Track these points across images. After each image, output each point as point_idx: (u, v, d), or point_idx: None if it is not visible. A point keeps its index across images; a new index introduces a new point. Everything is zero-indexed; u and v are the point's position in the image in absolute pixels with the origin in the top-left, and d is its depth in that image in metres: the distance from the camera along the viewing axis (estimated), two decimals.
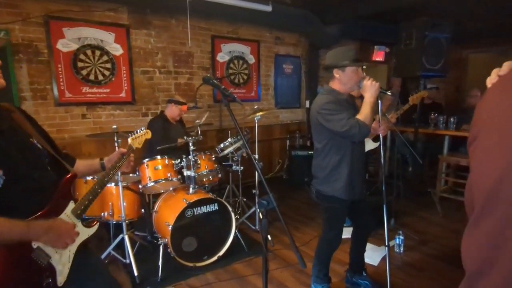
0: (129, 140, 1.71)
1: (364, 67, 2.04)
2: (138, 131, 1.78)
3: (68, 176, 1.29)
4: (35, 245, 1.14)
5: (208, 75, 1.50)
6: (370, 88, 1.90)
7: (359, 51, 6.12)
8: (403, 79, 5.89)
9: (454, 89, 7.23)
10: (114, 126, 2.57)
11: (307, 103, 5.73)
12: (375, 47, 6.57)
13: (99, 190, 1.41)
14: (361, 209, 2.18)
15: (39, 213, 1.17)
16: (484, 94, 0.69)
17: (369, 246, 2.93)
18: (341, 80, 1.98)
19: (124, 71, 3.89)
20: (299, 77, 5.72)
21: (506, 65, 0.71)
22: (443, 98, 6.81)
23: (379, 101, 1.98)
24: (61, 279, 1.21)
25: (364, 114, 1.88)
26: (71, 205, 1.29)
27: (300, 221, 3.71)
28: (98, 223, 1.43)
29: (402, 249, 2.88)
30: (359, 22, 5.48)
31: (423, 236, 3.22)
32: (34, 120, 1.37)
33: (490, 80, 0.71)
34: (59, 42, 3.46)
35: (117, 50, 3.80)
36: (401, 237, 2.88)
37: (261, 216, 1.70)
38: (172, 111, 3.35)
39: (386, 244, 2.05)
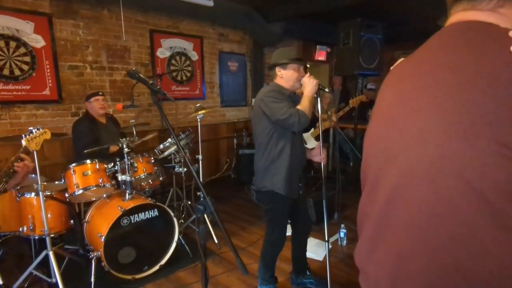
0: (23, 141, 1.49)
1: (308, 66, 2.08)
2: (34, 130, 1.56)
3: None
4: None
5: (134, 68, 1.34)
6: (308, 84, 1.97)
7: (301, 51, 6.26)
8: (343, 78, 6.18)
9: None
10: (31, 128, 2.24)
11: (254, 101, 5.70)
12: (317, 46, 6.77)
13: None
14: (298, 209, 2.19)
15: None
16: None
17: (314, 242, 2.99)
18: (283, 78, 2.03)
19: (48, 66, 3.46)
20: (244, 75, 5.66)
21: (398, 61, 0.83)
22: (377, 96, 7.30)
23: (318, 97, 2.02)
24: None
25: (303, 105, 1.94)
26: None
27: (247, 220, 3.65)
28: None
29: (345, 242, 2.98)
30: (301, 21, 5.60)
31: None
32: None
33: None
34: None
35: (37, 41, 3.36)
36: (344, 231, 2.98)
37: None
38: (93, 107, 3.06)
39: (326, 239, 2.08)
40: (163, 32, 4.44)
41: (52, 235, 2.45)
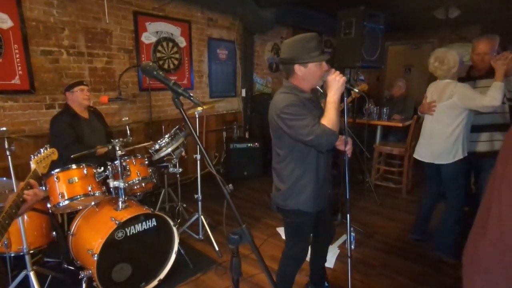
0: (32, 163, 1.21)
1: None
2: (42, 150, 1.26)
3: None
4: None
5: (151, 63, 1.04)
6: (333, 84, 1.58)
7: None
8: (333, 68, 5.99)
9: (375, 79, 7.74)
10: (3, 128, 1.86)
11: (244, 92, 5.42)
12: None
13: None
14: (324, 216, 1.98)
15: None
16: None
17: None
18: (304, 77, 1.66)
19: (17, 51, 2.98)
20: (234, 63, 5.33)
21: None
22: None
23: (346, 98, 1.75)
24: None
25: (329, 117, 1.56)
26: None
27: (245, 222, 3.42)
28: None
29: (353, 245, 2.84)
30: (294, 8, 5.33)
31: (367, 228, 3.25)
32: None
33: None
34: None
35: (3, 21, 2.88)
36: (353, 234, 2.83)
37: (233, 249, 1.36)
38: (74, 100, 2.68)
39: (349, 255, 1.92)
40: (149, 14, 4.01)
41: (32, 251, 2.12)
